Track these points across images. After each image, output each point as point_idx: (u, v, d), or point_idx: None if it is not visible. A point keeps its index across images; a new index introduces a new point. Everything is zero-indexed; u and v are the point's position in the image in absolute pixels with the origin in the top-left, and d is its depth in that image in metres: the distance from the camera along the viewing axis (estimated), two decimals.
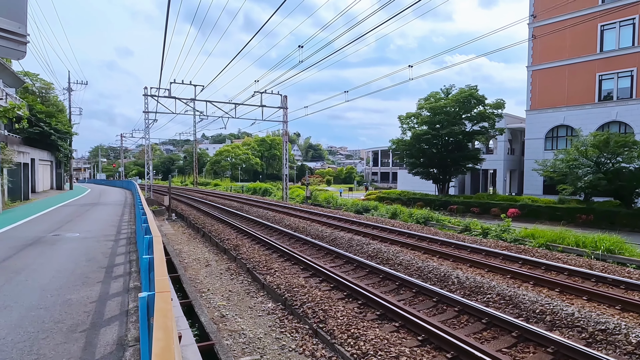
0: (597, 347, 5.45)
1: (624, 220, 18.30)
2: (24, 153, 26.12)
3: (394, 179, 58.95)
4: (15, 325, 4.83)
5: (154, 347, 1.66)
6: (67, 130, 34.22)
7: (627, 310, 6.76)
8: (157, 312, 2.11)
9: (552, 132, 31.27)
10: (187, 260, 11.95)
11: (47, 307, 5.51)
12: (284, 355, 5.78)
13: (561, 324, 6.09)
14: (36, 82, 32.20)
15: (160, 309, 2.17)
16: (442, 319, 6.63)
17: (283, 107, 28.84)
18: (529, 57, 32.19)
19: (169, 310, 2.12)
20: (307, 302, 7.30)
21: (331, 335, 5.98)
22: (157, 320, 2.00)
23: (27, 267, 7.69)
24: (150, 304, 2.53)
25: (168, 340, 1.73)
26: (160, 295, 2.38)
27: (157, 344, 1.69)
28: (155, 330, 1.85)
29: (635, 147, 19.45)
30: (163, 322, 1.95)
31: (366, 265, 9.84)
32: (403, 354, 5.16)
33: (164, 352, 1.62)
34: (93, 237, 11.21)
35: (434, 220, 18.82)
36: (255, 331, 6.66)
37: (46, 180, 34.78)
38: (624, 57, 27.29)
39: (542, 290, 7.86)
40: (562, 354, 5.20)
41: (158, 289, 2.52)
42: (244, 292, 8.78)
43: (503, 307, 7.00)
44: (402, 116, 30.98)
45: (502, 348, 5.54)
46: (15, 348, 4.24)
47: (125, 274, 7.22)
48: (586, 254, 11.80)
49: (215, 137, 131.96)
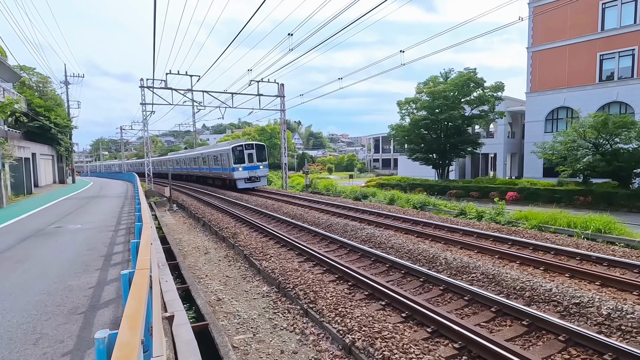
0: (569, 319, 5.72)
1: (621, 201, 18.44)
2: (24, 148, 26.45)
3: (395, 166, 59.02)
4: (20, 309, 5.16)
5: (125, 310, 1.92)
6: (66, 124, 34.47)
7: (606, 286, 7.01)
8: (134, 286, 2.37)
9: (552, 114, 31.18)
10: (187, 248, 12.29)
11: (50, 292, 5.83)
12: (275, 334, 6.10)
13: (539, 299, 6.36)
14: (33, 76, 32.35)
15: (137, 283, 2.42)
16: (426, 298, 6.92)
17: (280, 95, 28.90)
18: (529, 38, 31.88)
19: (144, 284, 2.37)
20: (299, 285, 7.60)
21: (320, 314, 6.29)
22: (132, 291, 2.26)
23: (30, 257, 8.03)
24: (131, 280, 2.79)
25: (138, 307, 1.98)
26: (139, 272, 2.64)
27: (128, 309, 1.95)
28: (129, 299, 2.11)
29: (633, 128, 19.46)
30: (137, 294, 2.21)
31: (359, 249, 10.14)
32: (386, 329, 5.45)
33: (132, 315, 1.87)
34: (94, 228, 11.55)
35: (431, 205, 19.05)
36: (250, 312, 6.98)
37: (48, 175, 35.22)
38: (625, 35, 26.98)
39: (526, 269, 8.11)
40: (536, 325, 5.48)
41: (139, 267, 2.78)
42: (240, 277, 9.10)
43: (486, 285, 7.28)
44: (401, 101, 30.97)
45: (481, 322, 5.83)
46: (20, 329, 4.56)
47: (123, 261, 7.54)
48: (576, 234, 12.02)
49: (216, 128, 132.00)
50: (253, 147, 28.86)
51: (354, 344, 5.21)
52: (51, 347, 4.08)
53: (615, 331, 5.34)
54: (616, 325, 5.41)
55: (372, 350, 4.96)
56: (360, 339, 5.23)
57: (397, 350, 4.88)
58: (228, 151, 28.34)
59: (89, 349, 3.98)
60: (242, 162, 28.06)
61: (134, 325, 1.82)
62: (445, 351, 5.06)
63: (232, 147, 28.03)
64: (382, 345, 4.99)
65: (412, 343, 5.09)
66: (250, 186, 28.74)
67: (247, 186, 28.51)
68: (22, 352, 3.98)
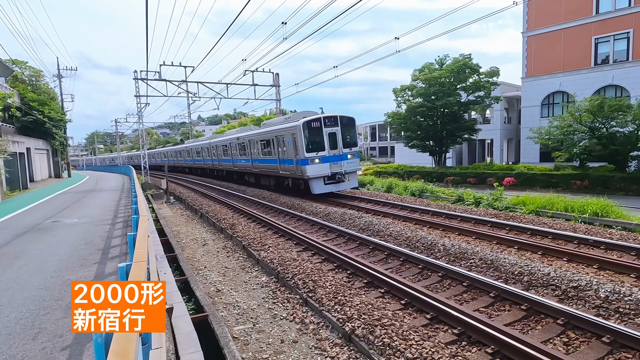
0: (568, 302, 5.77)
1: (618, 185, 18.51)
2: (19, 142, 26.18)
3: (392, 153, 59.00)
4: (18, 304, 5.13)
5: None
6: (60, 117, 34.12)
7: (604, 269, 7.06)
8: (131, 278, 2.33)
9: (548, 99, 31.12)
10: (185, 240, 12.26)
11: (48, 287, 5.80)
12: (275, 323, 6.11)
13: (537, 284, 6.40)
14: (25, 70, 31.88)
15: (134, 275, 2.38)
16: (425, 284, 6.95)
17: (275, 85, 28.65)
18: (524, 23, 31.65)
19: (142, 276, 2.34)
20: (298, 274, 7.61)
21: (319, 303, 6.30)
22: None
23: (27, 252, 7.99)
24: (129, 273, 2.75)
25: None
26: (136, 264, 2.61)
27: None
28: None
29: (629, 111, 19.44)
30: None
31: (357, 238, 10.15)
32: (385, 317, 5.47)
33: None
34: (91, 221, 11.49)
35: (428, 192, 19.06)
36: (249, 303, 6.98)
37: (44, 169, 34.95)
38: (620, 18, 26.83)
39: (524, 254, 8.15)
40: (535, 310, 5.52)
41: (136, 259, 2.74)
42: (239, 268, 9.10)
43: (484, 270, 7.31)
44: (397, 89, 30.76)
45: (480, 308, 5.86)
46: (19, 324, 4.54)
47: (121, 254, 7.51)
48: (574, 218, 12.08)
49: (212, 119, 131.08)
50: (337, 123, 17.21)
51: (353, 331, 5.23)
52: (50, 342, 4.06)
53: (613, 313, 5.38)
54: (614, 308, 5.45)
55: (372, 338, 4.98)
56: (360, 327, 5.25)
57: (397, 337, 4.90)
58: (295, 130, 17.04)
59: (88, 343, 3.96)
60: (320, 148, 16.87)
61: None
62: (444, 337, 5.09)
63: (304, 123, 16.70)
64: (381, 333, 5.01)
65: (412, 330, 5.11)
66: (332, 189, 17.65)
67: (328, 190, 17.41)
68: (21, 347, 3.97)
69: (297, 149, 16.98)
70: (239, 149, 25.01)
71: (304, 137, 16.56)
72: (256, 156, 22.03)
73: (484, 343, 4.85)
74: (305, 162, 16.58)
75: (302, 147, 16.59)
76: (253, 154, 22.45)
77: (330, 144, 17.00)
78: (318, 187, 17.00)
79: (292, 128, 17.23)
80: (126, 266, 2.74)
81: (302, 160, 16.69)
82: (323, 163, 16.78)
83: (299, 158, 16.97)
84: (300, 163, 16.91)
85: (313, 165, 16.63)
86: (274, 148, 19.24)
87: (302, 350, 5.20)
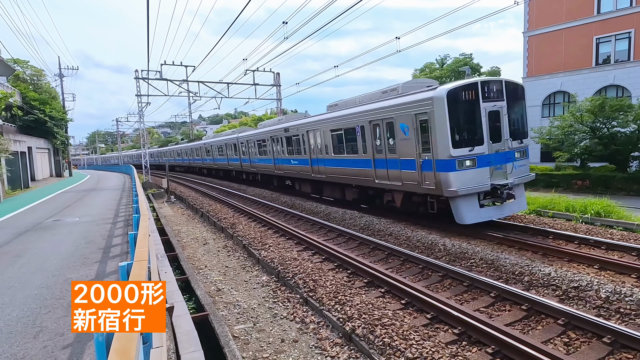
0: (569, 302, 5.76)
1: (619, 185, 18.49)
2: (20, 142, 26.23)
3: None
4: (19, 303, 5.14)
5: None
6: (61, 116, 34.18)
7: (605, 269, 7.04)
8: (132, 277, 2.33)
9: (549, 99, 31.09)
10: (186, 239, 12.27)
11: (49, 286, 5.81)
12: (275, 323, 6.12)
13: (538, 284, 6.40)
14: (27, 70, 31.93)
15: (135, 274, 2.39)
16: (426, 284, 6.95)
17: (276, 84, 28.66)
18: (525, 23, 31.62)
19: (143, 275, 2.34)
20: (298, 274, 7.62)
21: (320, 303, 6.30)
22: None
23: (28, 250, 8.00)
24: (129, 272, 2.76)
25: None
26: (137, 264, 2.61)
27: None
28: None
29: (630, 111, 19.42)
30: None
31: (357, 237, 10.15)
32: (385, 316, 5.47)
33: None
34: (92, 220, 11.51)
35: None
36: (250, 302, 6.99)
37: (45, 168, 35.01)
38: (621, 18, 26.79)
39: (525, 254, 8.13)
40: (535, 310, 5.51)
41: (137, 258, 2.74)
42: (239, 267, 9.11)
43: (485, 270, 7.31)
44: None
45: (480, 307, 5.86)
46: (20, 322, 4.55)
47: (122, 253, 7.52)
48: (575, 218, 12.07)
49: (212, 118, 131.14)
50: (502, 93, 10.06)
51: (354, 331, 5.24)
52: (51, 340, 4.07)
53: (614, 314, 5.38)
54: (615, 308, 5.45)
55: (372, 337, 4.98)
56: (361, 327, 5.25)
57: (397, 336, 4.90)
58: (428, 107, 9.65)
59: (89, 342, 3.97)
60: (475, 140, 9.63)
61: None
62: (445, 337, 5.09)
63: (449, 92, 9.33)
64: (382, 332, 5.01)
65: (412, 329, 5.11)
66: (493, 215, 10.20)
67: (486, 217, 9.85)
68: (22, 346, 3.98)
69: (430, 141, 9.58)
70: (284, 144, 17.74)
71: (448, 120, 9.15)
72: (320, 154, 15.18)
73: (484, 343, 4.84)
74: (449, 165, 9.24)
75: (443, 137, 9.22)
76: (317, 151, 15.40)
77: (490, 132, 9.67)
78: (469, 211, 9.47)
79: (420, 104, 9.79)
80: (127, 265, 2.75)
81: (443, 162, 9.34)
82: (479, 168, 9.48)
83: (434, 158, 9.54)
84: (438, 167, 9.46)
85: (462, 171, 9.29)
86: (364, 141, 12.20)
87: (303, 350, 5.20)
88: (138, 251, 2.98)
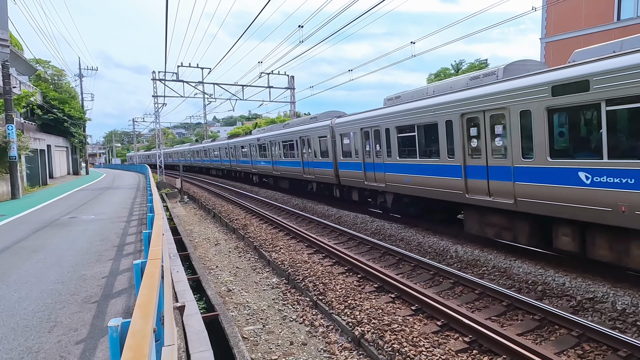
0: (583, 314, 5.64)
1: None
2: (39, 140, 26.90)
3: None
4: (35, 298, 5.26)
5: (137, 299, 1.93)
6: (80, 116, 34.97)
7: (621, 281, 6.86)
8: (146, 275, 2.38)
9: None
10: (198, 240, 12.40)
11: (64, 281, 5.93)
12: (285, 325, 6.14)
13: (551, 294, 6.28)
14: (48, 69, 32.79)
15: (149, 272, 2.43)
16: (437, 291, 6.88)
17: (290, 87, 28.81)
18: (542, 29, 31.11)
19: (156, 274, 2.39)
20: (309, 277, 7.63)
21: (329, 306, 6.30)
22: (144, 280, 2.27)
23: (45, 246, 8.19)
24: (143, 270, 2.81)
25: (150, 295, 1.99)
26: (151, 262, 2.66)
27: (141, 298, 1.95)
28: (142, 287, 2.12)
29: None
30: (149, 283, 2.22)
31: (368, 242, 10.11)
32: (395, 322, 5.43)
33: (145, 304, 1.88)
34: (107, 218, 11.72)
35: None
36: (260, 304, 7.02)
37: (63, 166, 35.82)
38: None
39: (539, 263, 7.98)
40: (548, 320, 5.41)
41: (150, 256, 2.79)
42: (250, 269, 9.17)
43: (497, 278, 7.20)
44: None
45: (492, 316, 5.78)
46: (35, 317, 4.65)
47: (135, 251, 7.64)
48: None
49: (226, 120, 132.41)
50: None
51: (363, 336, 5.22)
52: (65, 335, 4.15)
53: (630, 327, 5.24)
54: (631, 321, 5.31)
55: (381, 343, 4.95)
56: (370, 332, 5.23)
57: (407, 343, 4.87)
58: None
59: (103, 337, 4.04)
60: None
61: (146, 313, 1.83)
62: (455, 345, 5.03)
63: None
64: (391, 338, 4.98)
65: (422, 336, 5.07)
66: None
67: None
68: (37, 340, 4.07)
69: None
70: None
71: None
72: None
73: (495, 352, 4.77)
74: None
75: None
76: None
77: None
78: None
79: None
80: (141, 263, 2.79)
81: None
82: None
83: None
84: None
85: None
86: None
87: (311, 353, 5.20)
88: (152, 250, 3.03)
